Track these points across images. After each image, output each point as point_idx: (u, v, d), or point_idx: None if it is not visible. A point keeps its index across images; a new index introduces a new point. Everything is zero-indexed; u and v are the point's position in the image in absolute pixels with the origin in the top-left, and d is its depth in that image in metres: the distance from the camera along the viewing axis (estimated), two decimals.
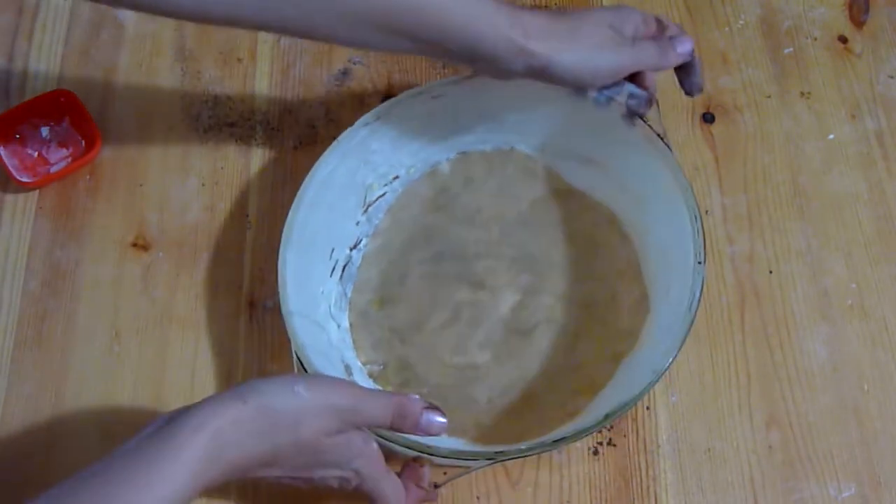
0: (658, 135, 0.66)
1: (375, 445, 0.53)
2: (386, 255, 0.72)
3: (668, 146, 0.66)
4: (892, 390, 0.69)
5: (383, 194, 0.72)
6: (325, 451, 0.50)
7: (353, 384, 0.57)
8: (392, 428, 0.53)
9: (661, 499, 0.65)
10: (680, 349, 0.59)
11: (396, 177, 0.72)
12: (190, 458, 0.45)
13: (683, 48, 0.64)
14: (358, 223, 0.71)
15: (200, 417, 0.46)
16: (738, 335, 0.71)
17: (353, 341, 0.69)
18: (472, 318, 0.69)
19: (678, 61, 0.65)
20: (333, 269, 0.69)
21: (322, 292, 0.68)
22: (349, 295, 0.70)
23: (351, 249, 0.71)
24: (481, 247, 0.71)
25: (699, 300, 0.60)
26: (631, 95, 0.65)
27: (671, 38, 0.65)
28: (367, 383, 0.66)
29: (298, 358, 0.60)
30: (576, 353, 0.67)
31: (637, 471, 0.66)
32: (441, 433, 0.53)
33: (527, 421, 0.66)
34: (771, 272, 0.73)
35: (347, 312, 0.70)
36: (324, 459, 0.51)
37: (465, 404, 0.66)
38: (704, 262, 0.61)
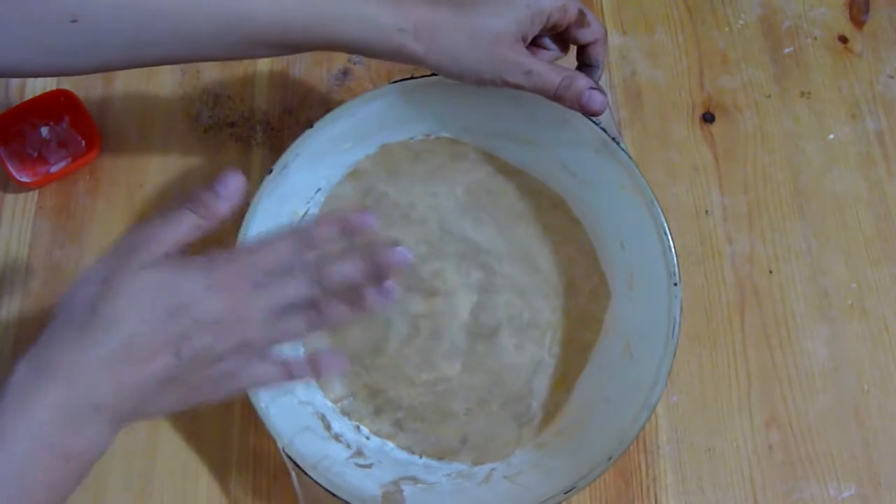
0: (612, 138, 0.61)
1: None
2: None
3: (624, 150, 0.62)
4: (892, 390, 0.69)
5: (306, 211, 0.67)
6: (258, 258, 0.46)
7: None
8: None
9: (661, 499, 0.65)
10: (667, 378, 0.58)
11: (318, 189, 0.68)
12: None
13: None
14: None
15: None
16: (738, 335, 0.71)
17: (317, 381, 0.65)
18: (432, 329, 0.65)
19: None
20: None
21: None
22: None
23: None
24: (422, 247, 0.67)
25: (679, 323, 0.58)
26: None
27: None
28: (344, 422, 0.63)
29: (288, 455, 0.56)
30: (544, 348, 0.66)
31: (637, 471, 0.66)
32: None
33: (512, 427, 0.65)
34: (771, 272, 0.73)
35: (302, 350, 0.65)
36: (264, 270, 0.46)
37: (445, 420, 0.64)
38: (680, 282, 0.59)
